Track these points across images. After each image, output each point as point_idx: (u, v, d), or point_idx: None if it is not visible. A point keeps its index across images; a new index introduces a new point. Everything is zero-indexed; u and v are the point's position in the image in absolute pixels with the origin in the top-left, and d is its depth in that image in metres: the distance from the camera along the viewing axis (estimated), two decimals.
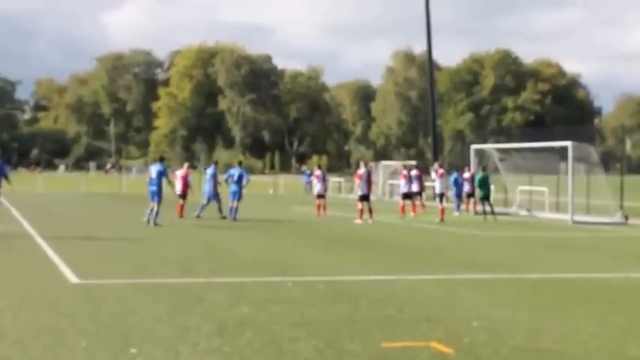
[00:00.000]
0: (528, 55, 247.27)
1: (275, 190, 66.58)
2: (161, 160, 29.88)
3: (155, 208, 26.44)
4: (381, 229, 27.85)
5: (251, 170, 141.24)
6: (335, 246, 21.11)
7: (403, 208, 33.63)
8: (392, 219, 31.89)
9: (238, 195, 30.12)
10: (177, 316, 10.47)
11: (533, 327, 10.13)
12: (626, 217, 33.65)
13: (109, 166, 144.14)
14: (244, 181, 30.76)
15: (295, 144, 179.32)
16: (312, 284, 13.52)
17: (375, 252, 19.65)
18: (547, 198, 38.55)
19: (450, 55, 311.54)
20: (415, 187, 36.20)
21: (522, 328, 10.04)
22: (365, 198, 30.86)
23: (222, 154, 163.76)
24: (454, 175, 39.39)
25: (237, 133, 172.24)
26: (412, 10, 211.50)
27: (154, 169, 27.79)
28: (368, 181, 31.55)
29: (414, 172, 37.02)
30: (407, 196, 34.39)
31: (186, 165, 32.74)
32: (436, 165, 38.57)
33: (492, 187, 37.68)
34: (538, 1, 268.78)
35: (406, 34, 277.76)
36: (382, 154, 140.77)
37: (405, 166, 38.81)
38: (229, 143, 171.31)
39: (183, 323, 10.01)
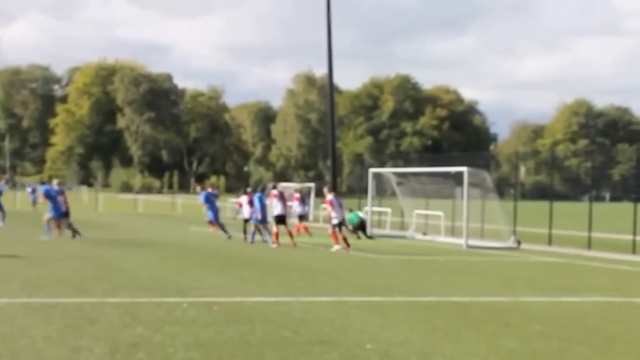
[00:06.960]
0: (427, 81, 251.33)
1: (173, 210, 66.02)
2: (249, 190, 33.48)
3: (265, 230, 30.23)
4: (279, 251, 27.86)
5: (148, 190, 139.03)
6: (231, 267, 21.03)
7: (335, 236, 30.14)
8: (289, 241, 31.75)
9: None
10: (69, 337, 10.28)
11: (427, 350, 10.25)
12: (519, 242, 34.38)
13: None
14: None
15: (194, 164, 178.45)
16: (207, 305, 13.45)
17: (271, 274, 19.63)
18: (443, 222, 39.12)
19: (350, 79, 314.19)
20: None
21: (415, 351, 10.14)
22: (340, 225, 29.83)
23: (119, 173, 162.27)
24: None
25: (135, 151, 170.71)
26: (312, 33, 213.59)
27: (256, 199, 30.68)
28: (341, 206, 30.52)
29: (330, 197, 32.90)
30: (283, 219, 31.33)
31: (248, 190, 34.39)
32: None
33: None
34: (433, 29, 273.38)
35: (306, 57, 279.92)
36: (282, 176, 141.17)
37: (297, 190, 38.24)
38: (127, 162, 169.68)
39: (75, 344, 9.84)
